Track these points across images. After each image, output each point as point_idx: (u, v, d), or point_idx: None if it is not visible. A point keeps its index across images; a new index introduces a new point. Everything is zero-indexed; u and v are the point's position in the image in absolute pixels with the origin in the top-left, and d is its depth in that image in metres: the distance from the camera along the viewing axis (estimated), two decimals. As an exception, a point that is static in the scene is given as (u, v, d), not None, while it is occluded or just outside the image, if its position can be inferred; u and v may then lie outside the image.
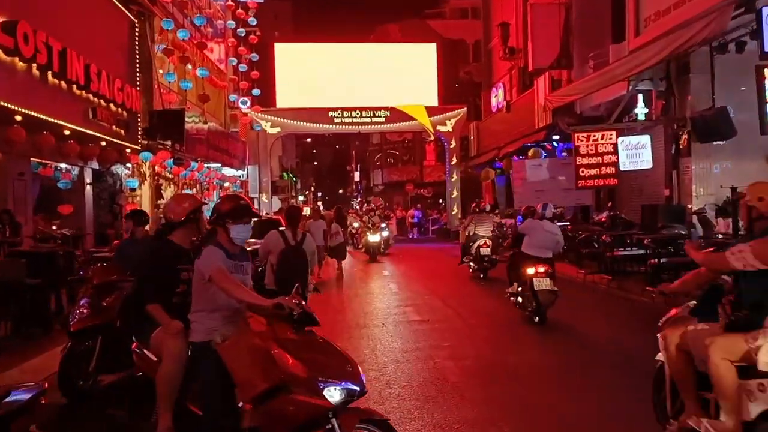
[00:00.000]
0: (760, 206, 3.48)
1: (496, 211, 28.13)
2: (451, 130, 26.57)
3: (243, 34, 21.27)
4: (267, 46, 26.01)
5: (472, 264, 13.28)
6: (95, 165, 13.22)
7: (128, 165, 14.48)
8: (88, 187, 13.95)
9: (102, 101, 11.83)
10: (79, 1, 11.42)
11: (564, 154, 18.02)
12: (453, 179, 26.90)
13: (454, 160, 26.88)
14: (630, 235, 11.49)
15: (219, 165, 19.37)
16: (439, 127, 26.50)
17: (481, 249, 12.92)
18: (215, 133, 17.91)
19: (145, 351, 3.86)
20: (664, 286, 4.13)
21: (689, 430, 3.41)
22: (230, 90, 21.89)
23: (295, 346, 3.23)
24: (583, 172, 13.20)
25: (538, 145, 18.59)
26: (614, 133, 13.08)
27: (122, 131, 13.00)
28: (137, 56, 14.02)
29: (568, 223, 16.19)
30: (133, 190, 15.11)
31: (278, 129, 25.75)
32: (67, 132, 10.76)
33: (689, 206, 12.72)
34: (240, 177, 24.02)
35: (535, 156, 18.45)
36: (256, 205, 25.96)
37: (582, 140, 13.08)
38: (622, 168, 13.10)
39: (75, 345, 5.09)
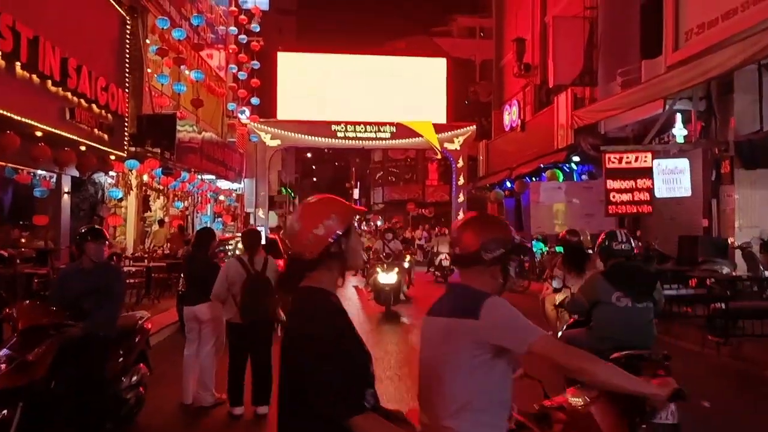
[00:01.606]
0: None
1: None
2: (458, 148, 25.36)
3: (245, 41, 20.12)
4: (269, 56, 24.89)
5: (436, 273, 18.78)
6: (74, 172, 11.94)
7: (112, 173, 13.20)
8: (66, 196, 12.65)
9: (82, 101, 10.58)
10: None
11: (584, 177, 16.80)
12: (459, 200, 25.64)
13: (461, 180, 25.63)
14: (681, 271, 10.19)
15: (213, 177, 18.09)
16: (446, 145, 25.29)
17: (443, 261, 17.95)
18: (210, 143, 16.66)
19: None
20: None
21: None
22: (229, 98, 20.68)
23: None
24: (614, 197, 11.93)
25: (556, 167, 17.36)
26: (649, 155, 11.85)
27: (106, 136, 11.74)
28: (127, 55, 12.79)
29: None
30: (117, 200, 13.83)
31: (278, 141, 24.51)
32: (38, 133, 9.50)
33: (731, 239, 11.48)
34: (236, 190, 22.72)
35: (552, 178, 17.24)
36: (251, 221, 24.68)
37: (614, 161, 11.83)
38: (657, 194, 11.85)
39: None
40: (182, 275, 8.64)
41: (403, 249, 13.69)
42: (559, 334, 5.31)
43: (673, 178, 11.81)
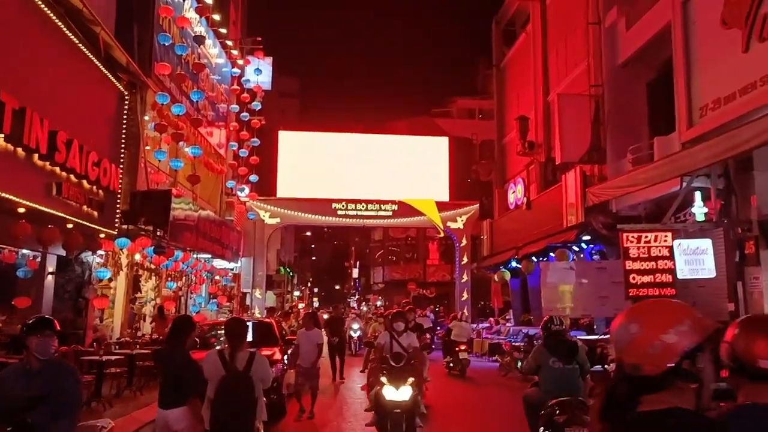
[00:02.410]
0: None
1: (507, 316, 25.99)
2: (462, 227, 24.85)
3: (247, 119, 19.99)
4: (270, 134, 24.83)
5: (451, 364, 16.29)
6: (60, 251, 11.24)
7: (100, 252, 12.52)
8: (50, 277, 11.93)
9: (71, 176, 10.04)
10: (56, 65, 9.88)
11: (596, 257, 16.12)
12: (463, 280, 24.87)
13: (465, 260, 24.95)
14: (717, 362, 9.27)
15: (209, 256, 17.40)
16: (449, 224, 24.81)
17: (460, 353, 15.89)
18: (207, 221, 16.07)
19: None
20: None
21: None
22: (228, 176, 20.32)
23: None
24: (634, 278, 11.20)
25: (565, 246, 16.71)
26: (669, 234, 11.22)
27: (95, 213, 11.13)
28: (124, 131, 12.41)
29: (596, 337, 14.13)
30: (104, 281, 13.07)
31: (277, 219, 24.02)
32: (21, 210, 8.88)
33: (762, 324, 10.65)
34: (233, 270, 21.96)
35: (561, 258, 16.55)
36: (248, 302, 23.74)
37: (632, 241, 11.18)
38: (679, 276, 11.12)
39: None
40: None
41: (420, 344, 8.83)
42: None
43: (696, 258, 11.11)
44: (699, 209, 11.85)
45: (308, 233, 70.08)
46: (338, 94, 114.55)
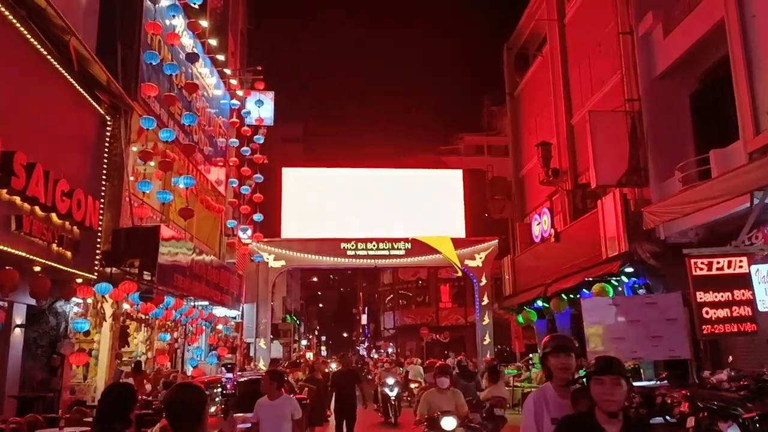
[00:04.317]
0: None
1: (532, 361, 23.91)
2: (481, 265, 23.07)
3: (248, 153, 18.55)
4: (273, 173, 23.38)
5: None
6: (31, 300, 9.57)
7: (78, 300, 10.82)
8: (17, 330, 10.20)
9: (37, 208, 8.45)
10: (16, 75, 8.41)
11: (642, 291, 14.29)
12: (485, 322, 22.92)
13: (485, 300, 23.06)
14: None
15: (207, 303, 15.65)
16: (467, 262, 23.03)
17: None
18: (203, 264, 14.40)
19: None
20: None
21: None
22: (228, 215, 18.74)
23: None
24: (707, 313, 9.40)
25: (603, 280, 14.91)
26: (744, 259, 9.48)
27: (68, 253, 9.48)
28: (105, 160, 10.88)
29: (651, 383, 12.24)
30: (82, 334, 11.32)
31: (282, 262, 22.32)
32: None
33: None
34: (234, 318, 20.14)
35: (600, 293, 14.71)
36: (251, 353, 21.84)
37: (702, 268, 9.43)
38: (761, 308, 9.34)
39: None
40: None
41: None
42: None
43: (780, 287, 9.36)
44: (777, 229, 10.16)
45: (314, 279, 68.26)
46: (342, 137, 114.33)
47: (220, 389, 9.82)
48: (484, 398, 12.55)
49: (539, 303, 19.52)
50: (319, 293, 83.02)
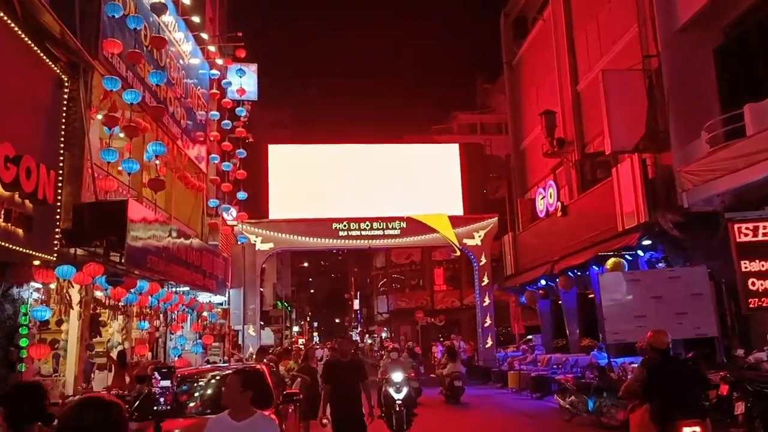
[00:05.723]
0: None
1: (532, 343, 22.85)
2: (480, 243, 21.88)
3: (229, 127, 17.19)
4: (259, 151, 22.02)
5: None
6: (-21, 285, 8.27)
7: (37, 285, 9.52)
8: (-36, 321, 8.91)
9: (-26, 177, 7.13)
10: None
11: (661, 264, 13.19)
12: (485, 303, 21.79)
13: (486, 280, 21.92)
14: None
15: (188, 287, 14.37)
16: (465, 241, 21.84)
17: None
18: (181, 243, 13.11)
19: None
20: None
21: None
22: (210, 194, 17.40)
23: None
24: (753, 284, 8.29)
25: (617, 255, 13.79)
26: (794, 223, 8.36)
27: (20, 231, 8.17)
28: (63, 126, 9.52)
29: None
30: (46, 322, 10.03)
31: (270, 244, 21.03)
32: None
33: None
34: (220, 304, 18.87)
35: (616, 268, 13.59)
36: (239, 341, 20.65)
37: (747, 234, 8.30)
38: (814, 278, 8.24)
39: None
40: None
41: None
42: None
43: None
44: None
45: (305, 264, 66.96)
46: (331, 119, 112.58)
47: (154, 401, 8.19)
48: (446, 373, 16.01)
49: (543, 282, 18.46)
50: (310, 279, 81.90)
